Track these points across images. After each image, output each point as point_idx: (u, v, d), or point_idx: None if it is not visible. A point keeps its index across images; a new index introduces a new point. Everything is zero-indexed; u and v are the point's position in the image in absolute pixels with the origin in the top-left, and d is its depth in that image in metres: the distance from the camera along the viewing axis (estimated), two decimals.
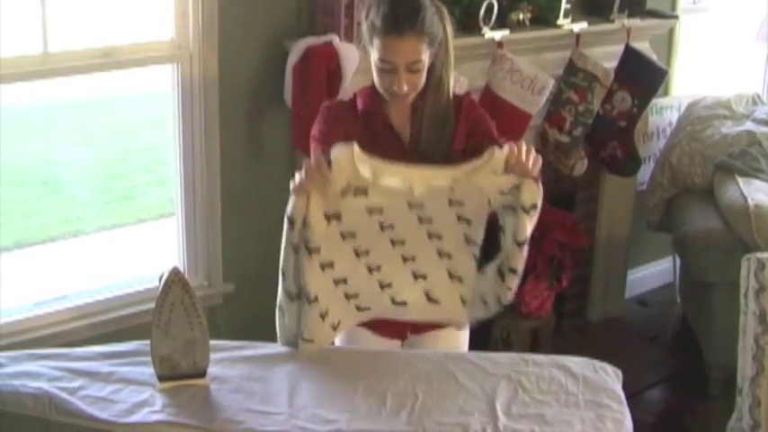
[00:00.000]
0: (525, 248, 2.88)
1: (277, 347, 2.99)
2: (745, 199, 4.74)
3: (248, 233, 4.25)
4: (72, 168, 7.05)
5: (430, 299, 3.03)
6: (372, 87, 3.08)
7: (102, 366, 2.80)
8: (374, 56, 2.96)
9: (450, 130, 3.07)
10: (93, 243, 6.28)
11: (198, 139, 4.03)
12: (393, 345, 3.28)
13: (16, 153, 6.56)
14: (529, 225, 2.83)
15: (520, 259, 2.89)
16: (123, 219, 6.69)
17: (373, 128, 3.07)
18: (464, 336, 3.36)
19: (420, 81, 2.98)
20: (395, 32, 2.88)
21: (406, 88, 2.94)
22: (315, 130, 3.10)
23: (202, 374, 2.76)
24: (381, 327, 3.22)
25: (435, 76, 3.04)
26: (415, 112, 3.09)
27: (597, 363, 2.94)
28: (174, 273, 2.69)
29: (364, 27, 3.00)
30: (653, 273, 6.15)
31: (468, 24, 4.37)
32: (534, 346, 4.99)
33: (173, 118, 4.04)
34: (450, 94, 3.09)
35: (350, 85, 3.96)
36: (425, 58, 2.94)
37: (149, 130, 7.32)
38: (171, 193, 4.29)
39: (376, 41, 2.93)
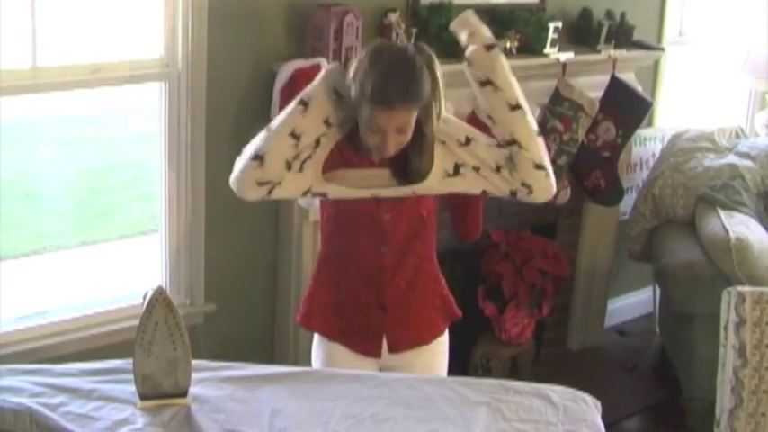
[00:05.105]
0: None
1: (259, 369, 2.99)
2: (727, 232, 4.76)
3: (231, 253, 4.26)
4: (54, 182, 7.02)
5: None
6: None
7: (84, 383, 2.80)
8: (363, 117, 2.90)
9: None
10: (74, 258, 6.25)
11: (184, 157, 4.04)
12: (369, 363, 3.28)
13: None
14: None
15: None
16: (105, 234, 6.66)
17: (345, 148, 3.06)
18: (442, 356, 3.38)
19: (407, 139, 2.94)
20: (386, 107, 2.84)
21: (392, 151, 2.93)
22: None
23: (184, 394, 2.76)
24: (357, 342, 3.25)
25: (426, 118, 2.99)
26: None
27: (578, 393, 2.95)
28: (159, 292, 2.69)
29: (355, 86, 2.89)
30: (633, 302, 6.18)
31: (454, 52, 4.39)
32: (513, 373, 5.00)
33: (159, 136, 4.05)
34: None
35: None
36: (414, 119, 2.92)
37: (133, 145, 7.29)
38: (153, 210, 4.29)
39: (365, 106, 2.87)
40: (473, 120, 4.48)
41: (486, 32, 3.07)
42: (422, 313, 3.29)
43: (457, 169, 3.05)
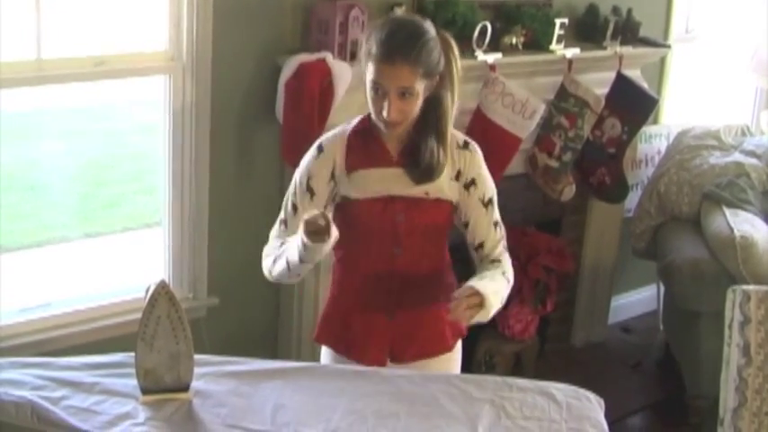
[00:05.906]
0: None
1: (262, 364, 2.98)
2: (732, 230, 4.75)
3: (235, 247, 4.25)
4: (58, 174, 7.01)
5: None
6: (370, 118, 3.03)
7: (86, 377, 2.78)
8: (368, 79, 2.90)
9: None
10: (78, 250, 6.25)
11: (188, 150, 4.03)
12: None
13: (3, 156, 6.54)
14: None
15: None
16: (108, 227, 6.66)
17: (364, 141, 3.05)
18: (454, 363, 3.29)
19: (412, 111, 2.92)
20: (387, 60, 2.83)
21: (394, 115, 2.88)
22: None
23: (186, 388, 2.74)
24: (361, 350, 3.19)
25: (439, 105, 3.00)
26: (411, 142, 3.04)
27: (581, 390, 2.93)
28: (161, 286, 2.67)
29: (362, 51, 2.94)
30: (637, 300, 6.17)
31: (461, 46, 4.36)
32: (517, 370, 4.99)
33: (163, 129, 4.04)
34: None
35: (341, 103, 3.97)
36: (419, 88, 2.88)
37: (138, 138, 7.29)
38: (157, 203, 4.28)
39: (370, 66, 2.87)
40: (477, 116, 4.50)
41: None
42: (431, 325, 3.19)
43: (458, 176, 3.06)
